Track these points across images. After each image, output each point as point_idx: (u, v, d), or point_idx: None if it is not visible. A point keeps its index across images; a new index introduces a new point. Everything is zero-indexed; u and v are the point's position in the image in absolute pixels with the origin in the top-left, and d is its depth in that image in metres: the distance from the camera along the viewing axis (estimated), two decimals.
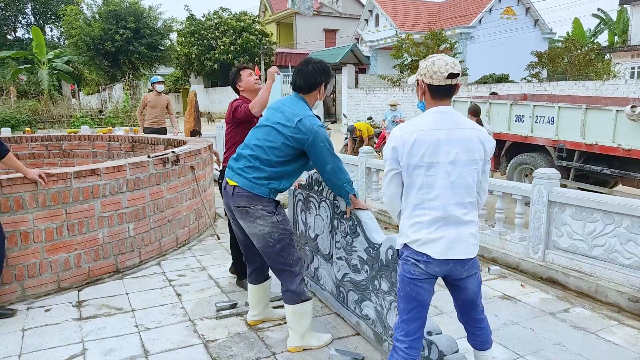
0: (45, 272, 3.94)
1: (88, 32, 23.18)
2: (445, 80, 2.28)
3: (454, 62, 2.30)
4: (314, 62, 3.08)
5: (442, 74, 2.27)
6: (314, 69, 3.03)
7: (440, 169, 2.27)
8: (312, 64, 3.06)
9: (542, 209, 4.60)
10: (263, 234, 3.01)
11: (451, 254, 2.29)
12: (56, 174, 3.94)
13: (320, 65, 3.06)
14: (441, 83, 2.29)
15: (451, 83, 2.30)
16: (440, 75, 2.27)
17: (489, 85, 17.51)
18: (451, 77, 2.28)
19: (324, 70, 3.07)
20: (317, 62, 3.08)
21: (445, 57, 2.32)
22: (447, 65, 2.27)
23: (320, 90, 3.11)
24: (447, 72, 2.26)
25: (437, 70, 2.28)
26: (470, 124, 2.35)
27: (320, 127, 2.96)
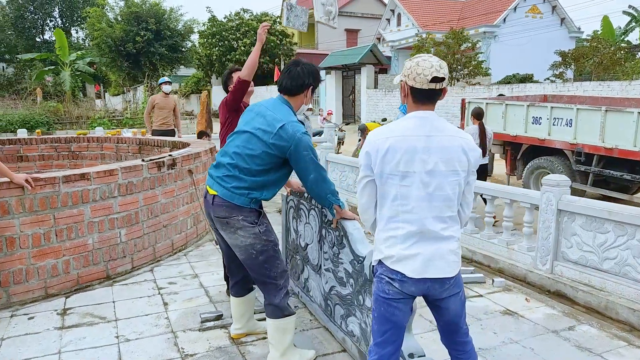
0: (32, 278, 3.89)
1: (109, 34, 23.54)
2: (429, 84, 2.08)
3: (440, 64, 2.10)
4: (303, 63, 2.91)
5: (426, 76, 2.07)
6: (302, 71, 2.86)
7: (416, 179, 2.08)
8: (301, 65, 2.89)
9: (551, 217, 4.33)
10: (245, 245, 2.86)
11: (428, 273, 2.10)
12: (44, 179, 3.88)
13: (309, 67, 2.90)
14: (424, 86, 2.09)
15: (435, 87, 2.10)
16: (424, 78, 2.07)
17: (511, 86, 17.04)
18: (435, 81, 2.08)
19: (313, 72, 2.91)
20: (307, 64, 2.91)
21: (432, 58, 2.13)
22: (432, 67, 2.07)
23: (307, 94, 2.94)
24: (431, 75, 2.07)
25: (421, 72, 2.08)
26: (453, 131, 2.15)
27: (304, 135, 2.76)
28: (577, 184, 7.28)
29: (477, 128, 6.69)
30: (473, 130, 6.83)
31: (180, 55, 24.22)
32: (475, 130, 6.74)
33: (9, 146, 7.72)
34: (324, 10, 4.44)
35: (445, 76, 2.11)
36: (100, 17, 24.55)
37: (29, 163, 7.88)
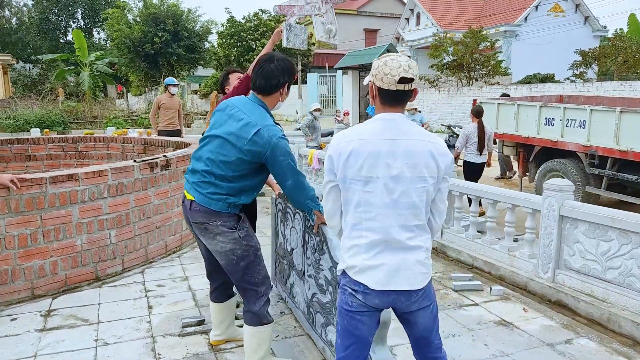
0: (18, 279, 3.87)
1: (128, 35, 23.83)
2: (396, 85, 1.95)
3: (409, 64, 1.96)
4: (277, 59, 2.72)
5: (394, 77, 1.94)
6: (276, 68, 2.69)
7: (379, 185, 1.95)
8: (274, 61, 2.71)
9: (552, 224, 4.13)
10: (225, 251, 2.75)
11: (392, 285, 1.97)
12: (30, 179, 3.86)
13: (283, 63, 2.72)
14: (392, 87, 1.96)
15: (404, 89, 1.97)
16: (391, 78, 1.94)
17: (530, 86, 16.63)
18: (404, 82, 1.95)
19: (288, 69, 2.74)
20: (281, 60, 2.73)
21: (401, 57, 1.99)
22: (400, 67, 1.94)
23: (283, 91, 2.81)
24: (399, 75, 1.93)
25: (389, 72, 1.95)
26: (421, 135, 2.00)
27: (281, 139, 2.61)
28: (591, 187, 7.00)
29: (476, 126, 6.61)
30: (471, 128, 6.72)
31: (198, 56, 24.38)
32: (474, 128, 6.65)
33: (18, 145, 7.80)
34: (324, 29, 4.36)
35: (415, 77, 1.97)
36: (119, 18, 24.88)
37: (37, 162, 7.96)
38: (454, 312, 3.85)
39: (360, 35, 37.93)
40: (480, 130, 6.66)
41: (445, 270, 4.81)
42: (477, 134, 6.70)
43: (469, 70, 20.15)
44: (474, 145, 6.73)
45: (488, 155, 6.98)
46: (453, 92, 19.02)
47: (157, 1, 25.44)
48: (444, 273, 4.73)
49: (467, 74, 20.44)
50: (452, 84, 20.70)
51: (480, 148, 6.71)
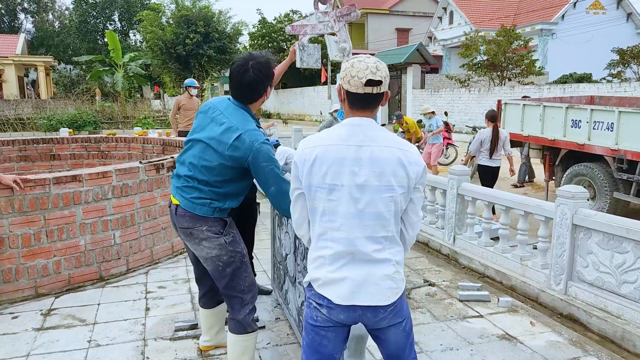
0: (22, 277, 3.95)
1: (161, 37, 24.33)
2: (364, 88, 1.84)
3: (376, 66, 1.85)
4: (252, 65, 2.58)
5: (360, 79, 1.83)
6: (253, 80, 2.58)
7: (344, 194, 1.85)
8: (251, 69, 2.57)
9: (565, 233, 3.91)
10: (211, 257, 2.70)
11: (357, 300, 1.87)
12: (33, 180, 3.93)
13: (260, 68, 2.59)
14: (359, 90, 1.85)
15: (372, 92, 1.86)
16: (358, 81, 1.84)
17: (564, 86, 16.02)
18: (371, 85, 1.84)
19: (266, 73, 2.63)
20: (256, 65, 2.58)
21: (369, 59, 1.88)
22: (367, 69, 1.83)
23: (267, 93, 2.73)
24: (365, 77, 1.83)
25: (355, 74, 1.84)
26: (390, 142, 1.88)
27: (263, 144, 2.51)
28: (620, 193, 6.64)
29: (490, 131, 6.47)
30: (486, 133, 6.57)
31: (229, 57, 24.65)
32: (488, 133, 6.50)
33: (43, 145, 8.03)
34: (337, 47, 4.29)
35: (383, 79, 1.86)
36: (152, 21, 25.43)
37: (61, 161, 8.17)
38: (455, 324, 3.69)
39: (392, 35, 37.54)
40: (495, 134, 6.51)
41: (453, 279, 4.64)
42: (491, 138, 6.53)
43: (502, 69, 19.58)
44: (487, 150, 6.57)
45: (509, 160, 6.82)
46: (484, 92, 18.52)
47: (189, 3, 25.89)
48: (451, 282, 4.56)
49: (499, 73, 19.89)
50: (483, 84, 20.18)
51: (492, 151, 6.55)
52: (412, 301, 4.09)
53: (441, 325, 3.66)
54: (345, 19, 4.13)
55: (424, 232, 5.89)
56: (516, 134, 8.41)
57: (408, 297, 4.15)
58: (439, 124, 9.67)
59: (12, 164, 7.83)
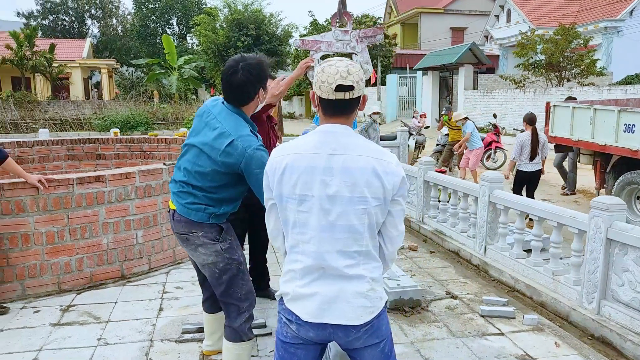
0: (46, 273, 4.10)
1: (213, 40, 24.98)
2: (334, 94, 1.74)
3: (347, 70, 1.73)
4: (242, 67, 2.50)
5: (330, 85, 1.73)
6: (243, 82, 2.51)
7: (315, 205, 1.75)
8: (240, 72, 2.50)
9: (599, 248, 3.60)
10: (207, 263, 2.67)
11: (327, 317, 1.76)
12: (57, 180, 4.07)
13: (250, 70, 2.51)
14: (330, 96, 1.75)
15: (344, 97, 1.75)
16: (328, 87, 1.73)
17: (625, 87, 14.98)
18: (342, 90, 1.73)
19: (258, 75, 2.55)
20: (246, 66, 2.51)
21: (340, 62, 1.77)
22: (337, 74, 1.72)
23: (260, 96, 2.65)
24: (335, 83, 1.72)
25: (325, 80, 1.73)
26: (365, 150, 1.76)
27: (256, 150, 2.45)
28: None
29: (529, 134, 6.18)
30: (525, 137, 6.28)
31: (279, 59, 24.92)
32: (527, 136, 6.21)
33: (89, 145, 8.38)
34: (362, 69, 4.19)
35: (355, 83, 1.73)
36: (206, 24, 26.16)
37: (106, 161, 8.50)
38: (472, 341, 3.47)
39: (446, 34, 36.66)
40: (534, 138, 6.22)
41: (479, 292, 4.39)
42: (531, 142, 6.23)
43: (559, 70, 18.60)
44: (527, 154, 6.26)
45: (542, 163, 6.53)
46: (540, 93, 17.65)
47: (241, 7, 26.42)
48: (476, 295, 4.31)
49: (557, 74, 18.90)
50: (540, 85, 19.25)
51: (532, 156, 6.25)
52: (430, 314, 3.90)
53: (456, 342, 3.45)
54: (368, 41, 4.01)
55: (455, 240, 5.64)
56: (565, 139, 7.94)
57: (426, 310, 3.96)
58: (468, 129, 9.25)
59: (61, 162, 8.21)
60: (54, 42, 31.73)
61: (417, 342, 3.44)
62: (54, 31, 43.99)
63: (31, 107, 19.33)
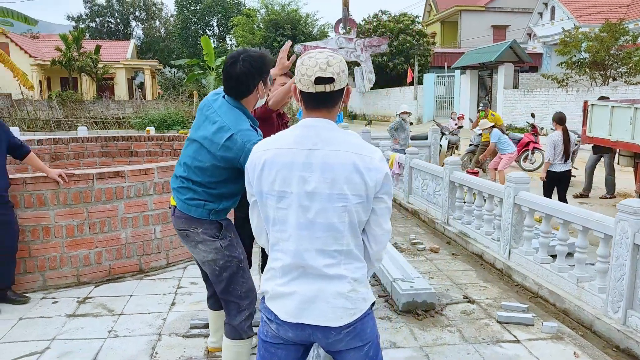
0: (65, 265, 4.21)
1: (250, 41, 25.28)
2: (315, 87, 1.69)
3: (327, 61, 1.68)
4: (242, 59, 2.47)
5: (310, 77, 1.68)
6: (242, 72, 2.47)
7: (293, 202, 1.70)
8: (240, 63, 2.46)
9: (625, 253, 3.38)
10: (207, 260, 2.66)
11: (305, 318, 1.70)
12: (78, 175, 4.18)
13: (250, 62, 2.47)
14: (310, 90, 1.70)
15: (324, 90, 1.69)
16: (308, 79, 1.68)
17: None
18: (322, 83, 1.68)
19: (256, 67, 2.49)
20: (246, 59, 2.47)
21: (320, 55, 1.71)
22: (316, 66, 1.66)
23: (259, 89, 2.61)
24: (314, 75, 1.67)
25: (305, 72, 1.69)
26: (346, 145, 1.69)
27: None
28: None
29: (561, 134, 5.93)
30: (556, 136, 6.04)
31: None
32: (559, 136, 5.96)
33: (122, 142, 8.62)
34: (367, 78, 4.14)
35: (335, 75, 1.68)
36: (244, 25, 26.49)
37: (138, 158, 8.71)
38: (485, 348, 3.33)
39: (487, 32, 35.78)
40: (565, 137, 5.99)
41: (499, 297, 4.22)
42: (562, 142, 5.99)
43: (605, 68, 17.78)
44: (560, 154, 6.00)
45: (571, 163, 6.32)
46: (583, 93, 16.93)
47: (278, 8, 26.62)
48: (495, 300, 4.15)
49: (602, 72, 18.08)
50: (584, 84, 18.46)
51: (565, 156, 6.01)
52: (444, 318, 3.77)
53: (468, 348, 3.32)
54: (372, 50, 3.94)
55: (479, 243, 5.45)
56: (603, 139, 7.57)
57: (440, 314, 3.84)
58: (493, 139, 8.89)
59: (95, 159, 8.48)
60: (99, 43, 33.00)
61: (427, 347, 3.33)
62: (101, 33, 45.74)
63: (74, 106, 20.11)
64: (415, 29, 30.75)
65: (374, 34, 30.73)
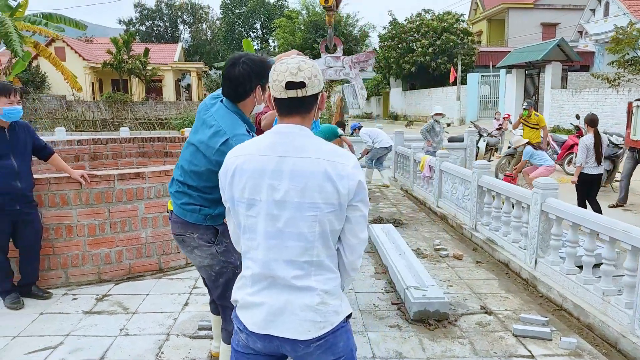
0: (87, 263, 4.36)
1: (290, 42, 25.47)
2: (286, 92, 1.66)
3: (298, 66, 1.64)
4: (242, 61, 2.46)
5: (280, 83, 1.65)
6: (241, 74, 2.44)
7: (262, 210, 1.67)
8: (239, 65, 2.45)
9: None
10: (204, 266, 2.68)
11: (272, 329, 1.67)
12: (99, 176, 4.32)
13: (249, 64, 2.45)
14: (282, 95, 1.67)
15: (296, 95, 1.66)
16: (279, 85, 1.66)
17: None
18: (293, 88, 1.65)
19: (255, 71, 2.46)
20: (246, 62, 2.45)
21: (292, 60, 1.68)
22: (287, 71, 1.64)
23: (257, 94, 2.58)
24: (284, 80, 1.64)
25: (276, 78, 1.66)
26: (319, 153, 1.65)
27: None
28: None
29: (592, 137, 5.69)
30: (589, 140, 5.75)
31: None
32: (590, 139, 5.70)
33: (158, 143, 8.85)
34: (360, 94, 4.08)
35: (307, 80, 1.64)
36: (285, 27, 26.72)
37: (173, 158, 8.92)
38: None
39: (536, 30, 34.50)
40: (597, 140, 5.77)
41: (519, 309, 4.03)
42: (594, 145, 5.75)
43: None
44: (593, 157, 5.77)
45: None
46: (635, 93, 16.01)
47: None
48: (515, 312, 3.96)
49: None
50: (637, 83, 17.45)
51: (598, 158, 5.78)
52: (456, 329, 3.64)
53: None
54: (361, 66, 3.86)
55: (506, 251, 5.24)
56: None
57: (453, 324, 3.70)
58: (525, 157, 8.42)
59: (132, 159, 8.77)
60: (148, 46, 34.11)
61: (434, 359, 3.22)
62: (150, 36, 47.36)
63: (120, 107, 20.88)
64: (460, 28, 30.07)
65: (416, 33, 30.33)
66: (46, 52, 16.22)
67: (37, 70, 30.45)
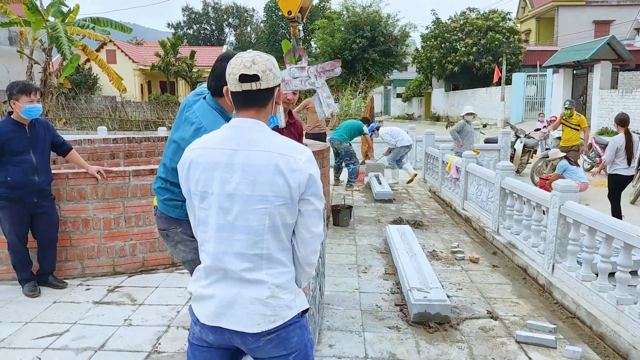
0: (102, 255, 4.54)
1: (329, 43, 25.52)
2: (240, 85, 1.68)
3: (252, 59, 1.66)
4: (229, 58, 2.55)
5: (235, 76, 1.68)
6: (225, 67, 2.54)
7: (214, 203, 1.69)
8: (226, 60, 2.37)
9: None
10: (187, 260, 2.72)
11: (222, 322, 1.68)
12: (115, 172, 4.48)
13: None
14: (237, 88, 1.69)
15: (250, 88, 1.68)
16: (233, 78, 1.68)
17: None
18: (247, 81, 1.67)
19: None
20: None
21: (247, 54, 1.71)
22: (241, 64, 1.66)
23: None
24: (238, 73, 1.67)
25: (231, 71, 1.70)
26: (271, 146, 1.66)
27: None
28: None
29: (623, 137, 5.43)
30: (620, 139, 5.48)
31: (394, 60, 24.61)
32: (621, 139, 5.43)
33: None
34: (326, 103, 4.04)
35: (260, 73, 1.66)
36: (325, 28, 26.83)
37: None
38: None
39: (588, 28, 33.02)
40: (628, 139, 5.50)
41: (528, 315, 3.88)
42: (625, 145, 5.45)
43: None
44: (623, 158, 5.49)
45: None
46: None
47: (360, 10, 26.62)
48: (523, 318, 3.81)
49: None
50: None
51: (629, 159, 5.51)
52: (457, 333, 3.54)
53: None
54: (326, 75, 3.81)
55: (526, 255, 5.05)
56: None
57: (455, 328, 3.61)
58: (559, 171, 8.02)
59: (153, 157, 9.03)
60: (194, 49, 35.10)
61: None
62: (197, 39, 48.68)
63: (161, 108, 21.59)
64: (506, 26, 29.18)
65: (460, 32, 29.68)
66: (93, 55, 16.97)
67: (89, 72, 31.94)
